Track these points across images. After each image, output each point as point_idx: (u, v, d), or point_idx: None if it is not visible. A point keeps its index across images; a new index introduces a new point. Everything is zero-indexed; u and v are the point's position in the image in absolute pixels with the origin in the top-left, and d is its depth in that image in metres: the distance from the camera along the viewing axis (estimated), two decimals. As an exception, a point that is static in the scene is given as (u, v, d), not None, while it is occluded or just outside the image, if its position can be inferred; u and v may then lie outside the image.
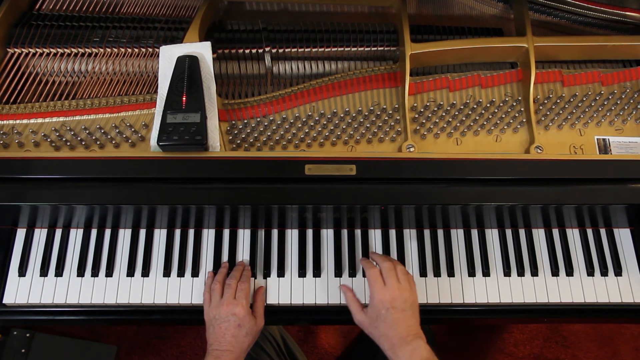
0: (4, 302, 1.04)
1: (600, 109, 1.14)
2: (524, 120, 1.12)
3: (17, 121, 1.06)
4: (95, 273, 1.06)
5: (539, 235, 1.13)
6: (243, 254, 1.09)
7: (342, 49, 1.15)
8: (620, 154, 1.11)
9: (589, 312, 1.09)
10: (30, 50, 1.11)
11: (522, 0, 1.17)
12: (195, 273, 1.07)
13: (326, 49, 1.15)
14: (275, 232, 1.11)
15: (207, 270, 1.08)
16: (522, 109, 1.12)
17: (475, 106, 1.12)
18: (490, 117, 1.11)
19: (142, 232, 1.10)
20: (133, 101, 1.09)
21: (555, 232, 1.13)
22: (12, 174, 0.97)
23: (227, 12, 1.23)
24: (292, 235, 1.11)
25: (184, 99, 1.01)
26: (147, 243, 1.09)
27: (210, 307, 0.99)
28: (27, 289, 1.05)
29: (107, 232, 1.10)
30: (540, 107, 1.14)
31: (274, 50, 1.14)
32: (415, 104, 1.13)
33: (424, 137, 1.10)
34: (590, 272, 1.10)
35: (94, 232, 1.10)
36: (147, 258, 1.08)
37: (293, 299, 1.06)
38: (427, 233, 1.12)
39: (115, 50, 1.12)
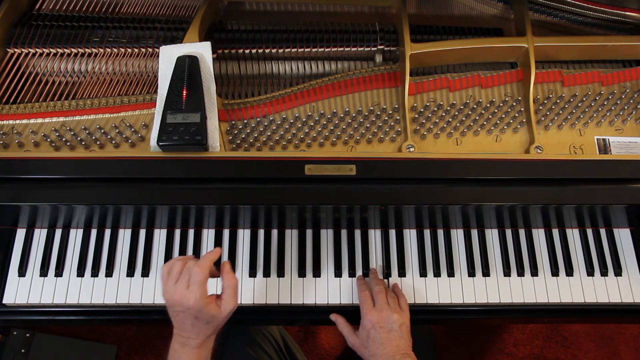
0: (4, 302, 1.04)
1: (600, 109, 1.14)
2: (524, 120, 1.12)
3: (17, 121, 1.06)
4: (95, 273, 1.06)
5: (539, 235, 1.13)
6: (243, 254, 1.09)
7: (342, 49, 1.15)
8: (620, 154, 1.11)
9: (589, 312, 1.09)
10: (30, 50, 1.11)
11: (522, 0, 1.17)
12: (195, 273, 1.07)
13: (326, 49, 1.15)
14: (275, 232, 1.11)
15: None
16: (522, 109, 1.12)
17: (475, 106, 1.12)
18: (490, 117, 1.11)
19: (142, 232, 1.10)
20: (133, 101, 1.09)
21: (555, 232, 1.13)
22: (12, 174, 0.97)
23: (227, 12, 1.23)
24: (291, 236, 1.11)
25: (184, 99, 1.01)
26: (147, 243, 1.09)
27: (164, 288, 0.88)
28: (27, 289, 1.05)
29: (107, 232, 1.10)
30: (540, 107, 1.14)
31: (274, 51, 1.14)
32: (415, 104, 1.13)
33: (424, 137, 1.10)
34: (590, 272, 1.10)
35: (93, 232, 1.10)
36: (147, 258, 1.08)
37: (293, 299, 1.06)
38: (427, 233, 1.12)
39: (115, 50, 1.12)
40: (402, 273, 1.08)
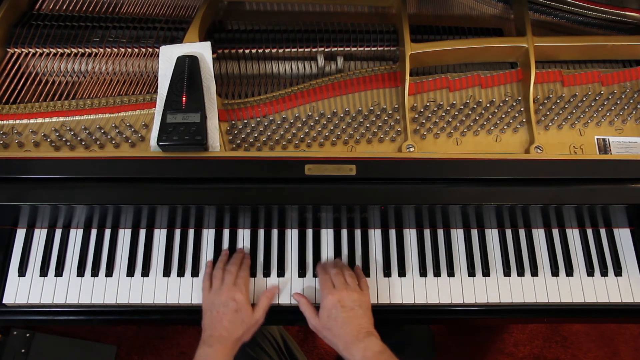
0: (4, 302, 1.04)
1: (600, 109, 1.14)
2: (524, 120, 1.12)
3: (17, 121, 1.06)
4: (95, 273, 1.06)
5: (539, 235, 1.13)
6: (243, 254, 1.09)
7: (342, 49, 1.15)
8: (620, 154, 1.11)
9: (589, 312, 1.09)
10: (30, 50, 1.11)
11: (522, 0, 1.17)
12: (195, 273, 1.07)
13: (326, 49, 1.15)
14: (275, 232, 1.11)
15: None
16: (522, 109, 1.12)
17: (475, 106, 1.12)
18: (490, 117, 1.11)
19: (142, 232, 1.10)
20: (133, 101, 1.09)
21: (555, 232, 1.13)
22: (12, 174, 0.97)
23: (227, 12, 1.23)
24: (292, 235, 1.11)
25: (184, 99, 1.01)
26: (147, 243, 1.09)
27: (211, 293, 1.00)
28: (27, 289, 1.05)
29: (107, 232, 1.10)
30: (540, 107, 1.14)
31: (274, 51, 1.14)
32: (415, 104, 1.13)
33: (424, 137, 1.10)
34: (590, 272, 1.10)
35: (93, 232, 1.10)
36: (147, 258, 1.08)
37: (293, 299, 1.06)
38: (427, 233, 1.12)
39: (115, 50, 1.12)
40: (402, 273, 1.08)
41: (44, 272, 1.06)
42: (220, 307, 0.96)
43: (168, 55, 1.06)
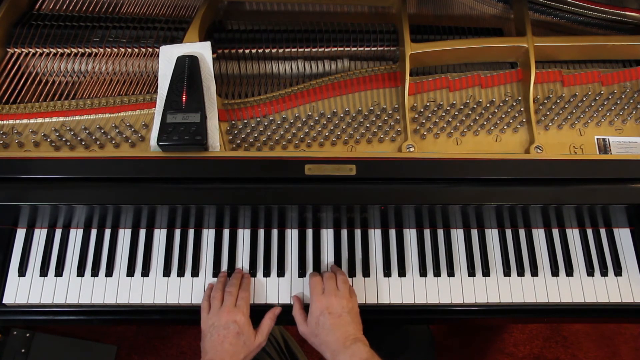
0: (4, 302, 1.04)
1: (600, 109, 1.14)
2: (524, 120, 1.12)
3: (17, 121, 1.06)
4: (95, 273, 1.06)
5: (539, 235, 1.13)
6: (243, 254, 1.09)
7: (342, 49, 1.15)
8: (620, 154, 1.11)
9: (589, 312, 1.09)
10: (30, 50, 1.11)
11: (522, 0, 1.17)
12: (195, 273, 1.07)
13: (326, 49, 1.15)
14: (275, 232, 1.11)
15: (207, 270, 1.07)
16: (522, 109, 1.12)
17: (475, 106, 1.12)
18: (490, 117, 1.11)
19: (142, 232, 1.10)
20: (133, 101, 1.09)
21: (555, 232, 1.13)
22: (12, 174, 0.97)
23: (227, 12, 1.23)
24: (292, 235, 1.11)
25: (184, 99, 1.01)
26: (147, 243, 1.09)
27: (210, 314, 0.97)
28: (27, 289, 1.05)
29: (107, 232, 1.10)
30: (540, 107, 1.14)
31: (274, 51, 1.14)
32: (415, 104, 1.13)
33: (424, 137, 1.10)
34: (590, 272, 1.10)
35: (93, 232, 1.10)
36: (147, 258, 1.08)
37: (293, 299, 1.06)
38: (427, 233, 1.12)
39: (115, 50, 1.12)
40: (402, 273, 1.08)
41: (44, 272, 1.06)
42: (221, 330, 0.94)
43: (168, 55, 1.06)
